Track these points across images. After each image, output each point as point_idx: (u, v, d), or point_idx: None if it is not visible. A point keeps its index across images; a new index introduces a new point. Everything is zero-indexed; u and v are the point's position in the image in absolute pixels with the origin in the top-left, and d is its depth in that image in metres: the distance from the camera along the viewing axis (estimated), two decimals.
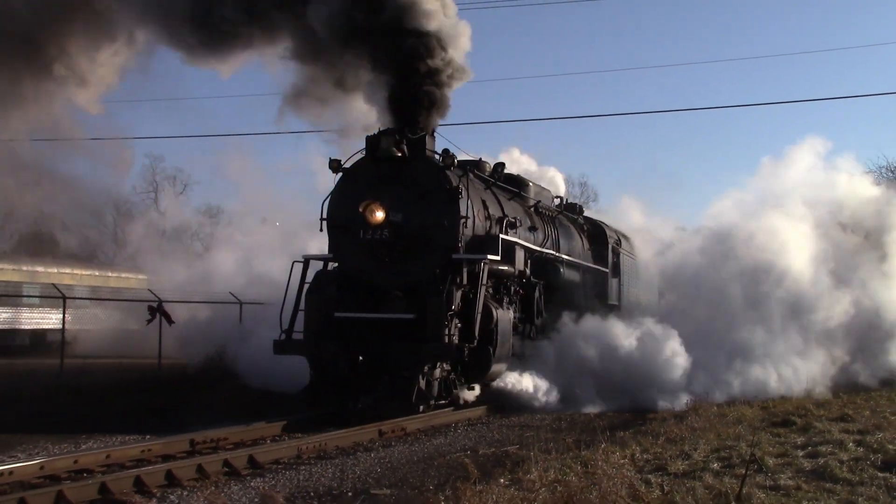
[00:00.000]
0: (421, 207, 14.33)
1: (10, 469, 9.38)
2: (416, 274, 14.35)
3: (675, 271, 24.22)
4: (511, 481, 8.62)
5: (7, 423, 12.86)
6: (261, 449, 10.94)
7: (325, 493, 8.97)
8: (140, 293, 18.91)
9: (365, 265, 14.59)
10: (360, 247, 14.43)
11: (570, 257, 20.30)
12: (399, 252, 14.39)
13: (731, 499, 7.92)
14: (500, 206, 16.61)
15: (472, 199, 15.07)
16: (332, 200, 14.92)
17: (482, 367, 14.42)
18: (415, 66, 14.64)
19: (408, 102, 14.86)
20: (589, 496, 7.59)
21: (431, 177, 14.57)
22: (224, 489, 9.08)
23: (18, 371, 20.35)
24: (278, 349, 14.43)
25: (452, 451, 11.41)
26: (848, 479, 9.06)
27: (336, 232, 14.86)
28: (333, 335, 14.13)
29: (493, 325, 14.35)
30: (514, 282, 16.43)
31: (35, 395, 16.32)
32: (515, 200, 18.14)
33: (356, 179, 14.70)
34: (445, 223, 14.36)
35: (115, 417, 13.76)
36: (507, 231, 16.23)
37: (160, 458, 10.58)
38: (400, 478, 9.65)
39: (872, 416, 14.00)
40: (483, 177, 16.98)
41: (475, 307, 14.01)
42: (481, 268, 14.32)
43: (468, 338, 13.86)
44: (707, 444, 11.17)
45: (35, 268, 35.03)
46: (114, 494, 8.67)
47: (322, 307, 14.39)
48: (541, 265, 18.09)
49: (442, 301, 13.65)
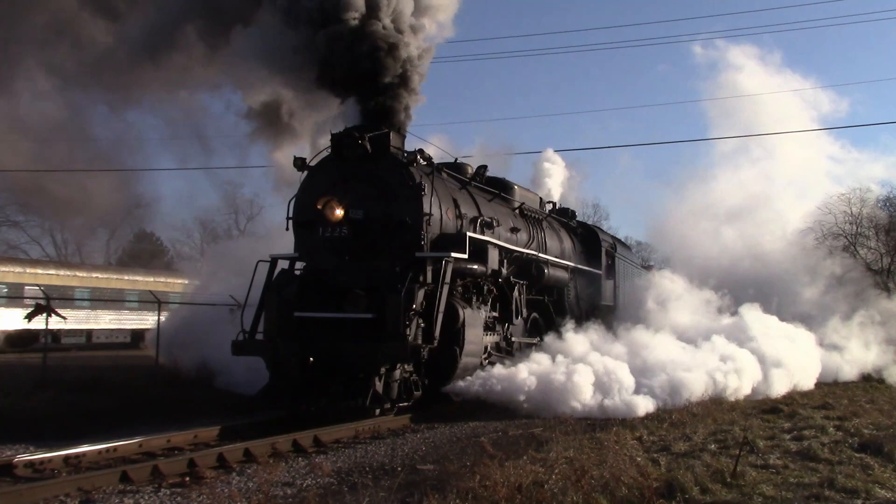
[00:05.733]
0: (384, 204, 12.59)
1: (114, 446, 9.55)
2: (378, 272, 12.48)
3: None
4: (534, 458, 8.61)
5: (112, 408, 13.10)
6: (324, 430, 10.88)
7: (378, 467, 9.00)
8: (222, 297, 18.93)
9: (326, 263, 12.86)
10: (322, 245, 12.73)
11: (559, 259, 18.41)
12: (361, 250, 12.59)
13: (726, 476, 7.88)
14: (475, 206, 14.76)
15: (439, 196, 13.28)
16: (297, 199, 13.12)
17: (448, 368, 12.68)
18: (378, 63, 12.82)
19: (372, 99, 13.10)
20: (602, 472, 7.57)
21: (394, 173, 12.79)
22: (293, 464, 9.16)
23: (122, 363, 20.71)
24: (236, 350, 12.50)
25: (486, 432, 11.37)
26: (829, 458, 9.00)
27: (299, 230, 13.10)
28: (292, 335, 12.31)
29: (459, 325, 12.63)
30: (486, 281, 14.34)
31: (135, 384, 16.58)
32: (497, 202, 16.25)
33: (320, 177, 13.02)
34: (408, 220, 12.55)
35: (202, 404, 13.85)
36: (483, 231, 14.44)
37: (240, 437, 10.61)
38: (442, 455, 9.65)
39: (850, 404, 13.87)
40: (457, 176, 15.28)
41: (437, 306, 12.18)
42: (443, 266, 12.43)
43: (430, 338, 12.07)
44: (705, 428, 11.11)
45: (135, 277, 35.77)
46: (200, 468, 8.75)
47: (281, 306, 12.57)
48: (524, 265, 16.20)
49: (400, 299, 11.72)
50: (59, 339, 30.20)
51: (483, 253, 13.85)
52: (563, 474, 7.58)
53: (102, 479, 8.10)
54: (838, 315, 20.91)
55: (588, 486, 7.18)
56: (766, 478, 8.02)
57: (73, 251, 55.22)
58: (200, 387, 15.91)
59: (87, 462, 9.08)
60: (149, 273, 37.80)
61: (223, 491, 7.78)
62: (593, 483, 7.28)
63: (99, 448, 9.37)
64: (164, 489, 7.96)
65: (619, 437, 10.05)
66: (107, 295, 33.42)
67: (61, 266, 35.98)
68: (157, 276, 36.96)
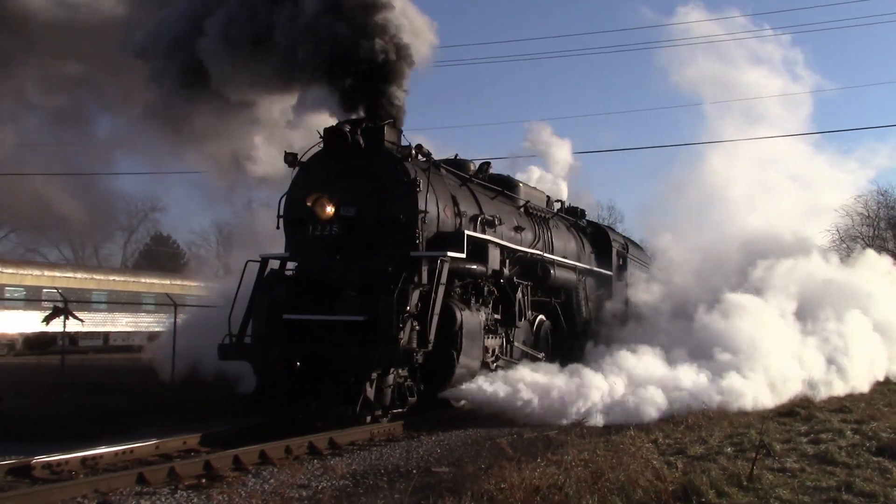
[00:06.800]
0: (377, 201, 11.99)
1: (131, 448, 9.59)
2: (370, 272, 11.81)
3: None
4: (549, 461, 8.58)
5: (130, 410, 13.13)
6: (339, 433, 10.80)
7: (393, 470, 8.98)
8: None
9: (317, 263, 12.32)
10: (312, 243, 12.18)
11: (566, 259, 17.70)
12: (354, 249, 12.02)
13: (742, 479, 7.81)
14: (476, 204, 14.10)
15: (437, 193, 12.65)
16: (287, 196, 12.59)
17: (445, 372, 11.99)
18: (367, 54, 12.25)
19: (364, 92, 12.57)
20: (617, 475, 7.53)
21: (388, 169, 12.20)
22: (307, 465, 9.16)
23: (140, 366, 20.80)
24: (222, 354, 11.97)
25: (502, 434, 11.30)
26: (846, 462, 8.89)
27: (290, 228, 12.56)
28: (282, 338, 11.76)
29: (457, 328, 11.98)
30: (487, 282, 13.61)
31: (151, 386, 16.64)
32: (500, 200, 15.59)
33: (312, 173, 12.47)
34: (402, 218, 11.93)
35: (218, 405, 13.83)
36: (485, 229, 13.81)
37: (254, 439, 10.55)
38: (457, 458, 9.62)
39: (868, 407, 13.70)
40: (458, 173, 14.57)
41: (432, 307, 11.55)
42: (439, 266, 11.81)
43: (424, 341, 11.43)
44: (721, 431, 11.02)
45: (151, 280, 35.99)
46: (216, 470, 8.78)
47: (270, 308, 12.00)
48: (528, 266, 15.54)
49: (393, 300, 11.06)
50: (77, 342, 30.44)
51: (483, 252, 13.27)
52: (579, 477, 7.55)
53: (119, 480, 8.13)
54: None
55: (604, 488, 7.15)
56: (783, 481, 7.94)
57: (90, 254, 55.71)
58: (216, 390, 15.93)
59: (104, 464, 9.12)
60: (165, 276, 38.02)
61: (239, 492, 7.80)
62: (609, 486, 7.25)
63: (116, 450, 9.41)
64: (181, 491, 7.99)
65: (634, 440, 10.00)
66: (123, 298, 33.65)
67: (79, 269, 36.24)
68: (173, 279, 37.14)
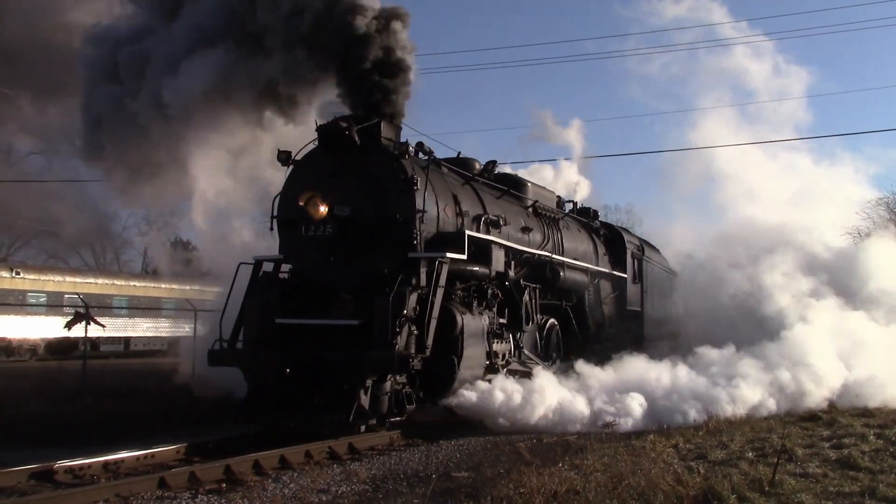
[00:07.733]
0: (373, 200, 11.45)
1: (152, 452, 9.64)
2: (366, 274, 11.29)
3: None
4: (570, 466, 8.54)
5: (150, 415, 13.20)
6: (358, 438, 10.76)
7: (413, 475, 8.98)
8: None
9: (311, 264, 11.79)
10: (306, 244, 11.63)
11: (577, 261, 17.09)
12: (349, 249, 11.45)
13: (764, 484, 7.73)
14: (480, 204, 13.53)
15: (436, 191, 12.14)
16: (281, 195, 12.09)
17: (445, 379, 11.44)
18: (362, 50, 11.80)
19: (360, 86, 12.05)
20: (638, 480, 7.49)
21: (385, 166, 11.62)
22: (327, 470, 9.17)
23: (161, 370, 20.90)
24: (212, 360, 11.41)
25: (520, 439, 11.23)
26: (869, 467, 8.77)
27: (283, 229, 12.08)
28: (274, 343, 11.21)
29: (457, 333, 11.40)
30: (491, 284, 13.03)
31: (171, 391, 16.71)
32: (506, 199, 14.95)
33: (305, 172, 11.95)
34: (399, 217, 11.37)
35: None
36: (489, 230, 13.26)
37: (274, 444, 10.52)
38: (476, 462, 9.60)
39: (891, 412, 13.54)
40: (461, 172, 13.93)
41: (430, 311, 10.97)
42: (437, 267, 11.23)
43: (422, 346, 10.85)
44: (742, 436, 10.92)
45: (171, 285, 36.18)
46: (236, 475, 8.80)
47: (263, 312, 11.44)
48: (537, 267, 15.02)
49: (388, 303, 10.48)
50: (98, 347, 30.64)
51: (486, 253, 12.73)
52: (599, 482, 7.51)
53: (140, 485, 8.18)
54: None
55: (624, 493, 7.11)
56: (805, 486, 7.86)
57: (111, 259, 56.09)
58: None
59: (125, 468, 9.18)
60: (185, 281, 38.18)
61: (260, 497, 7.82)
62: (630, 491, 7.20)
63: (137, 454, 9.47)
64: (202, 495, 8.02)
65: (654, 445, 9.94)
66: (144, 303, 33.88)
67: (100, 275, 36.54)
68: (192, 284, 37.29)
